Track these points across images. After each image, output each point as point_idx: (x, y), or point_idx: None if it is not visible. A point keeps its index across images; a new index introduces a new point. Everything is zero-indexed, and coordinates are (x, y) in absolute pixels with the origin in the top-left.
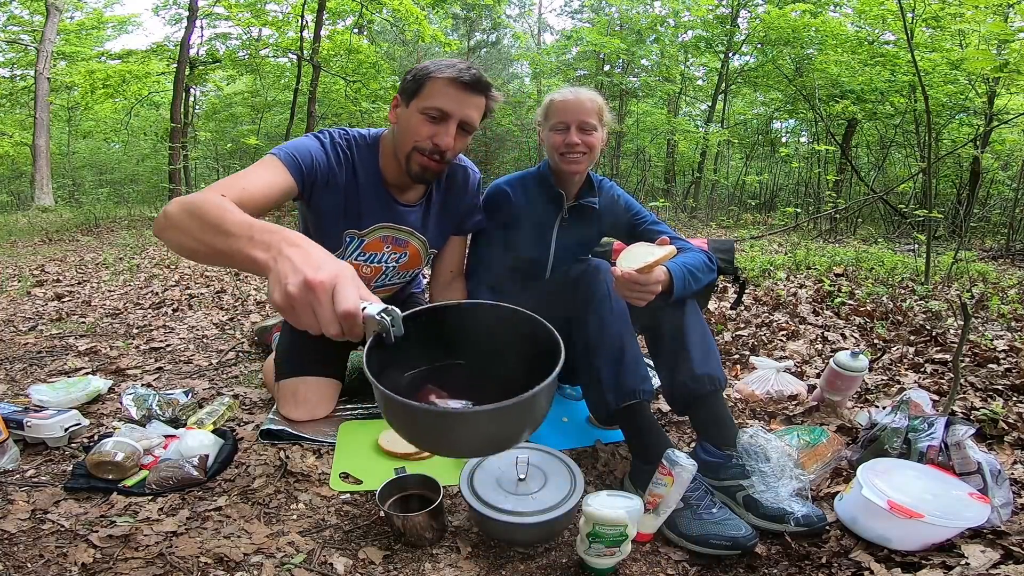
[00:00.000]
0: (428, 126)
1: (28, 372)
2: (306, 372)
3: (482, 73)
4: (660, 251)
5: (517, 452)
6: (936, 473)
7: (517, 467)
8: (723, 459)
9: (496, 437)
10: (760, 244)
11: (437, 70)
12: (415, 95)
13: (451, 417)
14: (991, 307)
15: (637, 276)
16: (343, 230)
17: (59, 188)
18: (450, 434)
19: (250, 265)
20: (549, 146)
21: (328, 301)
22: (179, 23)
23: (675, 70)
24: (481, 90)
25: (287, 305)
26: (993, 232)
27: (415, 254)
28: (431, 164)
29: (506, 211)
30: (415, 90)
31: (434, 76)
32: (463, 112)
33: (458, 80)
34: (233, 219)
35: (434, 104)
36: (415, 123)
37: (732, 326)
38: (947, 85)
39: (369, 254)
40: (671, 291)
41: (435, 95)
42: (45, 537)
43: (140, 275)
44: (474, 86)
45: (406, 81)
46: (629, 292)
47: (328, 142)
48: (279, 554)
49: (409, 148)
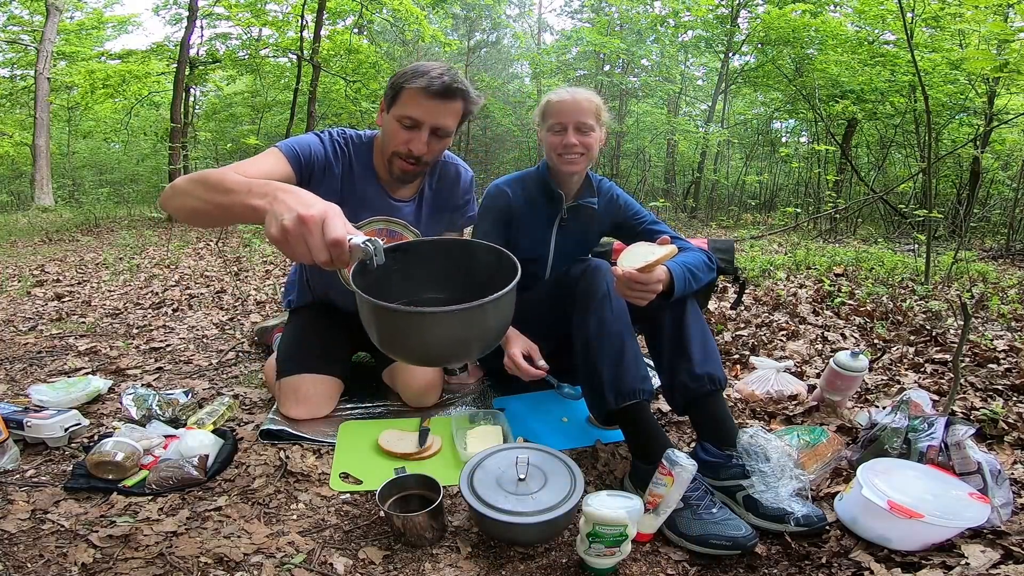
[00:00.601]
0: (403, 133)
1: (28, 372)
2: (308, 370)
3: (456, 79)
4: (661, 250)
5: (517, 452)
6: (936, 473)
7: (517, 467)
8: (723, 459)
9: (464, 338)
10: (760, 244)
11: (410, 79)
12: (393, 102)
13: (423, 316)
14: (991, 307)
15: (638, 275)
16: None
17: (59, 188)
18: (422, 334)
19: (250, 214)
20: (547, 147)
21: (319, 232)
22: (179, 23)
23: (675, 70)
24: (453, 97)
25: (282, 238)
26: (993, 232)
27: None
28: (408, 167)
29: (505, 211)
30: (392, 98)
31: (406, 87)
32: (434, 120)
33: (428, 90)
34: (233, 179)
35: (406, 113)
36: (392, 130)
37: (732, 326)
38: (947, 85)
39: None
40: (671, 291)
41: (408, 104)
42: (45, 537)
43: (140, 275)
44: (444, 94)
45: (387, 88)
46: (630, 291)
47: (327, 139)
48: (279, 554)
49: (389, 153)
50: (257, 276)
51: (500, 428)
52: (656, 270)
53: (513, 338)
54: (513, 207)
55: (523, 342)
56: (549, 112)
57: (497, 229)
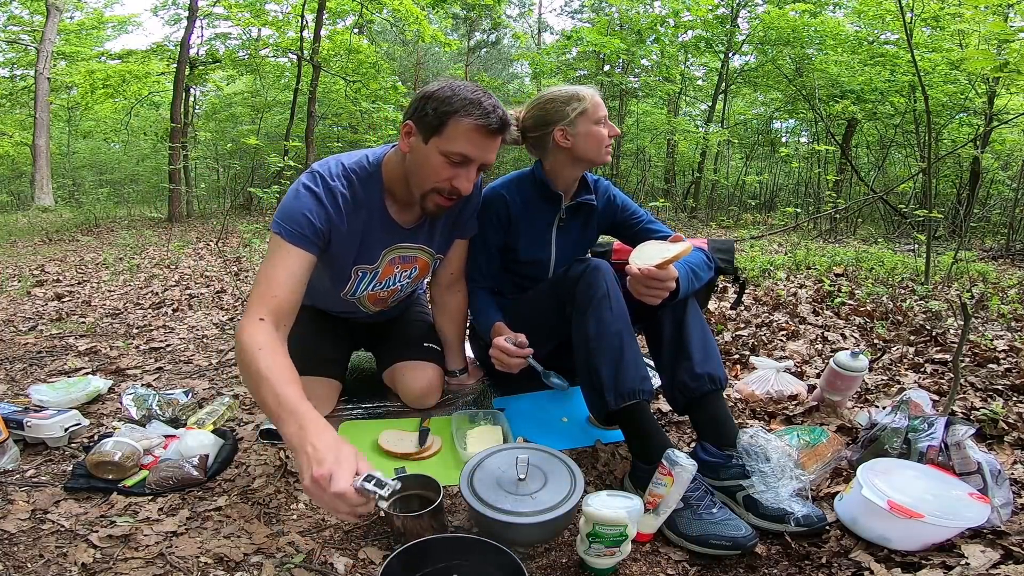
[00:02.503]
0: (449, 170)
1: (28, 372)
2: (307, 372)
3: (505, 112)
4: (676, 247)
5: (517, 452)
6: (936, 473)
7: (517, 467)
8: (723, 459)
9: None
10: (760, 244)
11: (462, 110)
12: (436, 132)
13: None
14: (991, 307)
15: (656, 272)
16: (352, 267)
17: (59, 188)
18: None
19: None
20: (590, 141)
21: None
22: (179, 23)
23: (675, 70)
24: (505, 131)
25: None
26: (993, 232)
27: (424, 265)
28: (447, 203)
29: (504, 215)
30: (436, 127)
31: (459, 119)
32: (485, 157)
33: (487, 128)
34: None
35: (457, 150)
36: (435, 164)
37: (732, 326)
38: (947, 85)
39: (384, 281)
40: (677, 290)
41: (459, 140)
42: (45, 537)
43: (140, 275)
44: (500, 130)
45: (425, 112)
46: (646, 289)
47: (323, 192)
48: (279, 554)
49: (427, 188)
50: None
51: (500, 428)
52: (669, 267)
53: (499, 331)
54: (511, 210)
55: (508, 333)
56: (592, 107)
57: (496, 235)
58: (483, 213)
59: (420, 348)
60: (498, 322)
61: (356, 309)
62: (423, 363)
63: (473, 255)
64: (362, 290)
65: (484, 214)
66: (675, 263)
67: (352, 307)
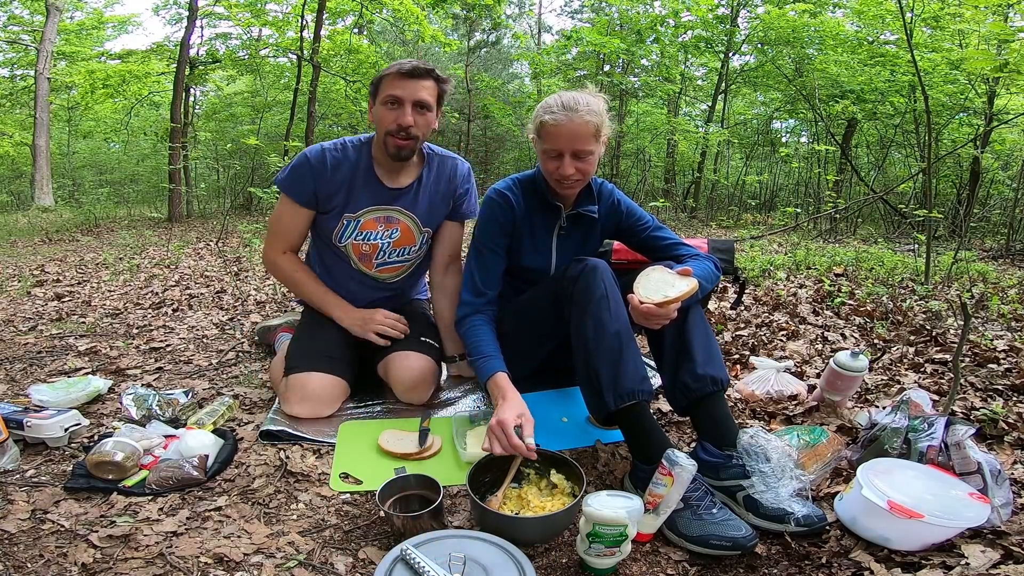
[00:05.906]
0: (390, 112)
1: (28, 372)
2: (318, 368)
3: (423, 64)
4: (682, 285)
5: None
6: (936, 473)
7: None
8: (723, 459)
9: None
10: (760, 244)
11: (384, 72)
12: (377, 94)
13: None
14: (991, 307)
15: (657, 310)
16: (341, 214)
17: (59, 188)
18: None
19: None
20: (544, 168)
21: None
22: (179, 23)
23: (675, 70)
24: (423, 75)
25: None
26: (993, 232)
27: (406, 230)
28: (402, 142)
29: (510, 217)
30: (376, 90)
31: (384, 75)
32: (413, 95)
33: (400, 72)
34: (304, 291)
35: (388, 93)
36: (381, 114)
37: (732, 326)
38: (947, 85)
39: (365, 232)
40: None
41: (388, 87)
42: (45, 537)
43: (140, 275)
44: (414, 73)
45: (371, 88)
46: (646, 321)
47: (315, 153)
48: (279, 554)
49: (383, 135)
50: (257, 276)
51: None
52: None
53: (509, 400)
54: (516, 213)
55: (518, 407)
56: (544, 134)
57: (499, 238)
58: (491, 212)
59: (416, 341)
60: (500, 372)
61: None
62: (416, 353)
63: (472, 268)
64: (347, 236)
65: (492, 213)
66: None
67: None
